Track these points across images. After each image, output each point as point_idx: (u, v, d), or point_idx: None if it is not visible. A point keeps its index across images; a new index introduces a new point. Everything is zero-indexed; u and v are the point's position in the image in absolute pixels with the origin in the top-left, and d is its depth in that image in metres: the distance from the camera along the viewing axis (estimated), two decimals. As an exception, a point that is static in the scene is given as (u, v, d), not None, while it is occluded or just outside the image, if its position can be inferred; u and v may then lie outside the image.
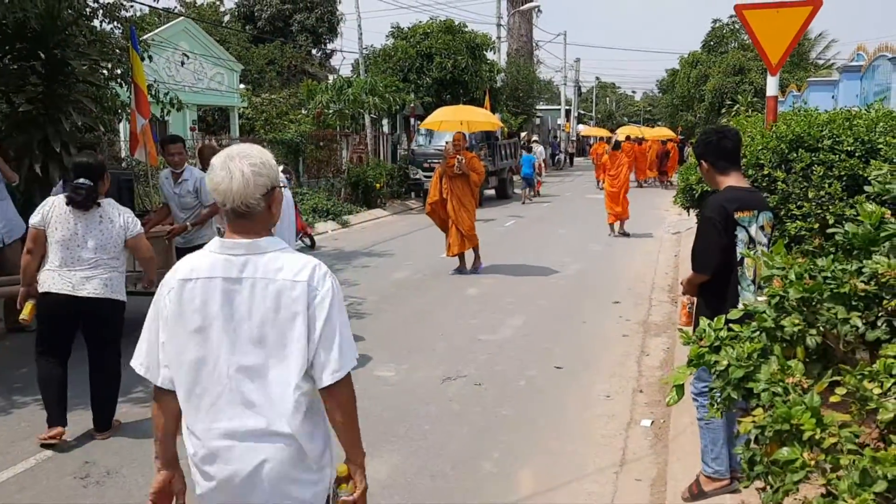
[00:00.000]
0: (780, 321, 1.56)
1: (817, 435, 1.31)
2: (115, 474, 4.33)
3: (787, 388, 1.42)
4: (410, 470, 4.40)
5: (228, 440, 2.08)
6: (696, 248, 3.69)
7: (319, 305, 2.10)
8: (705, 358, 1.61)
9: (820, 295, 1.55)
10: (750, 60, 30.05)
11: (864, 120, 4.93)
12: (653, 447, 4.76)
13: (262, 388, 2.09)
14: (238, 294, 2.09)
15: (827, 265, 1.61)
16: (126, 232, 4.81)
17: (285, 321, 2.08)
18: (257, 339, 2.08)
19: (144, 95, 8.66)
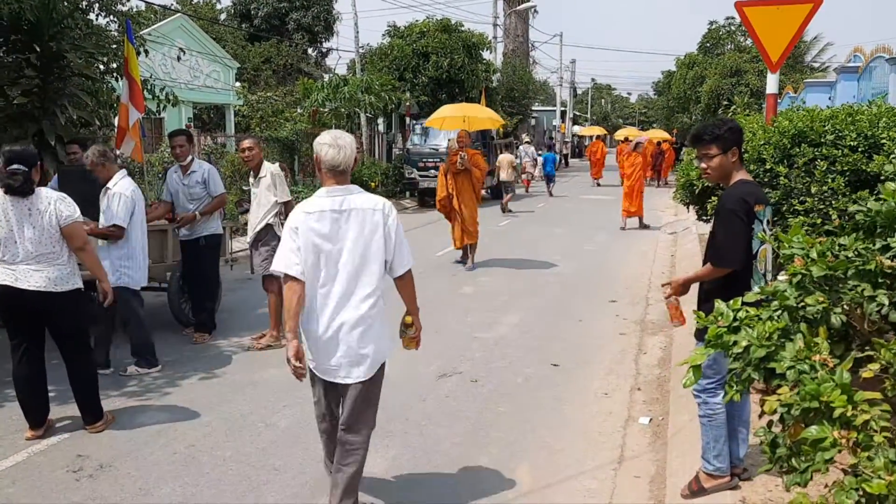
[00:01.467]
0: (802, 300, 1.51)
1: (848, 412, 1.27)
2: (107, 468, 4.27)
3: (814, 366, 1.38)
4: (407, 465, 4.36)
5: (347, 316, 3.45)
6: (721, 242, 3.57)
7: (391, 225, 3.50)
8: (724, 339, 1.56)
9: (844, 273, 1.50)
10: (746, 62, 30.07)
11: (866, 115, 4.91)
12: (651, 444, 4.72)
13: (360, 277, 3.46)
14: (341, 219, 3.42)
15: (850, 243, 1.57)
16: (59, 219, 4.56)
17: (370, 234, 3.46)
18: (359, 249, 3.43)
19: (139, 89, 8.58)
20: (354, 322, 3.45)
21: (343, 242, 3.42)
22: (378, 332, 3.56)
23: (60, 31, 8.27)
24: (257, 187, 6.81)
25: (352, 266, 3.43)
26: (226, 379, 5.88)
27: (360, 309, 3.47)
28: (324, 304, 3.44)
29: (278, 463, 4.35)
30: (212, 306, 7.12)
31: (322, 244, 3.39)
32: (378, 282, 3.51)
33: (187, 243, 6.95)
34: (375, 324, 3.53)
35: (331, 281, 3.44)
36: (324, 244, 3.39)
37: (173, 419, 5.01)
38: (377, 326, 3.55)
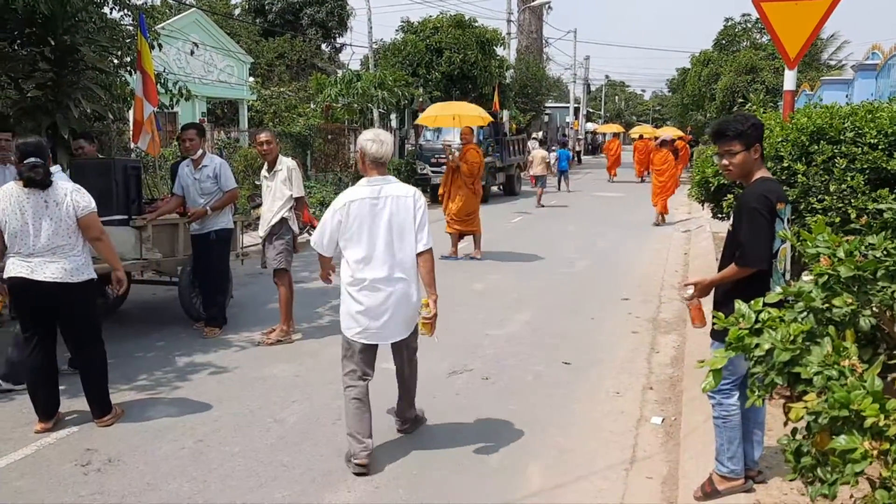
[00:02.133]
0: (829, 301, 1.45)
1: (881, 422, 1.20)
2: (116, 462, 4.26)
3: (842, 372, 1.32)
4: (415, 464, 4.32)
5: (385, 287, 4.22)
6: (746, 242, 3.46)
7: (419, 209, 4.27)
8: (745, 341, 1.50)
9: (873, 273, 1.44)
10: (762, 60, 29.80)
11: (887, 112, 4.81)
12: (664, 445, 4.66)
13: (399, 256, 4.23)
14: (378, 204, 4.19)
15: (879, 243, 1.50)
16: (76, 210, 4.59)
17: (404, 216, 4.22)
18: (393, 230, 4.21)
19: (153, 83, 8.58)
20: (397, 291, 4.23)
21: (380, 224, 4.19)
22: (412, 299, 4.31)
23: (74, 25, 8.27)
24: (272, 180, 6.78)
25: (388, 243, 4.21)
26: (235, 374, 5.86)
27: (400, 279, 4.24)
28: (369, 276, 4.20)
29: (286, 459, 4.32)
30: (222, 301, 7.11)
31: (364, 225, 4.18)
32: (412, 255, 4.26)
33: (198, 238, 6.94)
34: (408, 293, 4.28)
35: (372, 255, 4.20)
36: (364, 225, 4.19)
37: (182, 413, 5.00)
38: (410, 295, 4.30)
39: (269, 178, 6.80)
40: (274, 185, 6.75)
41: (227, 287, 7.39)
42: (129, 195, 7.01)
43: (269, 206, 6.77)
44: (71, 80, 8.36)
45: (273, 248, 6.75)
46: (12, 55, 8.10)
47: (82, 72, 8.57)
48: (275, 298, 8.45)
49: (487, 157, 20.69)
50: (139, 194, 7.23)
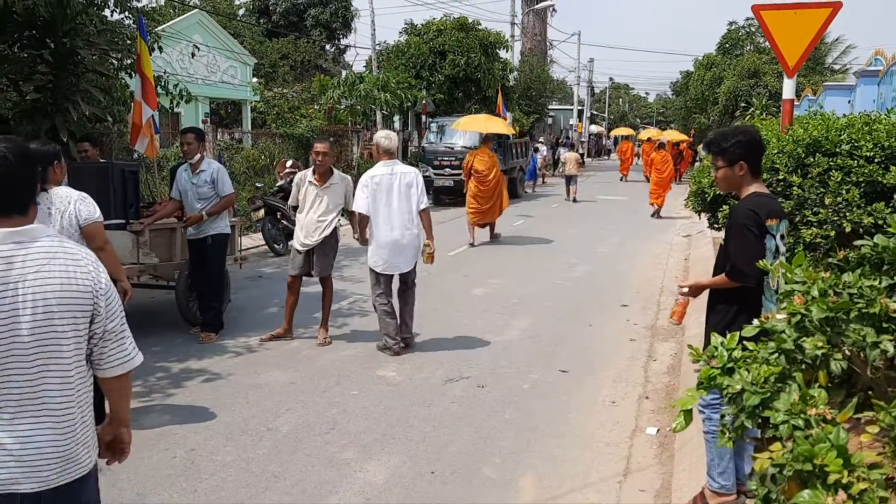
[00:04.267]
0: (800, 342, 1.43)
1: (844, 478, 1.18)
2: (105, 471, 4.14)
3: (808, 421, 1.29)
4: (409, 473, 4.31)
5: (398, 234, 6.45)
6: (735, 258, 3.47)
7: (418, 182, 6.54)
8: (717, 380, 1.48)
9: (846, 314, 1.42)
10: (765, 64, 29.76)
11: (884, 125, 4.78)
12: (658, 456, 4.64)
13: (407, 214, 6.48)
14: (393, 179, 6.46)
15: (853, 280, 1.48)
16: (79, 219, 4.47)
17: (409, 187, 6.47)
18: (402, 195, 6.46)
19: (152, 86, 8.58)
20: (406, 237, 6.52)
21: (393, 192, 6.46)
22: (417, 243, 6.64)
23: (74, 28, 8.28)
24: (323, 190, 6.80)
25: (399, 204, 6.48)
26: (230, 381, 5.85)
27: (408, 229, 6.54)
28: (388, 228, 6.46)
29: (278, 469, 4.31)
30: (218, 306, 7.10)
31: (383, 193, 6.44)
32: (416, 214, 6.57)
33: (195, 242, 6.94)
34: (415, 239, 6.59)
35: (390, 213, 6.45)
36: (383, 193, 6.44)
37: (174, 422, 4.99)
38: (416, 240, 6.61)
39: (318, 187, 6.82)
40: (327, 196, 6.80)
41: (224, 292, 7.39)
42: (127, 199, 7.00)
43: (319, 215, 6.80)
44: (70, 82, 8.36)
45: (325, 257, 6.90)
46: (12, 58, 8.10)
47: (82, 74, 8.57)
48: (273, 302, 8.49)
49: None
50: (137, 198, 7.22)
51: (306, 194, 6.86)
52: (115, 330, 2.30)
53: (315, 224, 6.80)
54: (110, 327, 2.28)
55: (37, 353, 2.10)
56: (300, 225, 6.90)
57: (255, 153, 16.97)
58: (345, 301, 8.63)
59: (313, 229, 6.80)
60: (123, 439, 2.60)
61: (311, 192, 6.84)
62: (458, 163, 20.18)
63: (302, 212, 6.88)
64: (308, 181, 6.86)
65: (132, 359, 2.40)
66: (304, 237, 6.84)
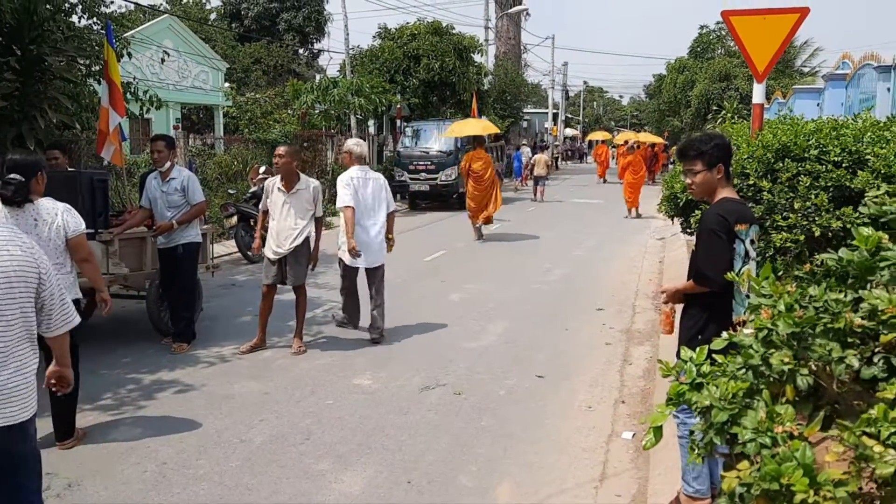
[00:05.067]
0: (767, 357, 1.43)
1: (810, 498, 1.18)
2: (76, 486, 4.17)
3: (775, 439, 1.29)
4: (385, 483, 4.27)
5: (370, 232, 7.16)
6: (704, 263, 3.50)
7: (386, 186, 7.38)
8: (686, 396, 1.48)
9: (812, 329, 1.42)
10: (736, 67, 30.15)
11: (851, 129, 4.84)
12: (634, 461, 4.65)
13: (378, 215, 7.20)
14: (368, 182, 7.17)
15: (819, 294, 1.48)
16: (66, 231, 4.46)
17: (380, 190, 7.24)
18: (375, 198, 7.17)
19: (120, 93, 8.45)
20: (378, 235, 7.22)
21: (368, 194, 7.12)
22: (382, 240, 7.32)
23: (41, 34, 8.14)
24: (290, 197, 6.76)
25: (373, 205, 7.17)
26: (202, 392, 5.77)
27: (378, 228, 7.22)
28: (361, 226, 7.02)
29: (252, 482, 4.25)
30: (190, 316, 7.00)
31: (360, 193, 7.05)
32: (385, 216, 7.29)
33: (165, 251, 6.84)
34: (381, 236, 7.25)
35: (364, 212, 7.07)
36: (360, 193, 7.04)
37: (146, 435, 4.90)
38: (382, 237, 7.28)
39: (285, 194, 6.78)
40: (294, 202, 6.76)
41: (196, 301, 7.29)
42: (96, 208, 6.88)
43: (290, 222, 6.74)
44: (37, 89, 8.23)
45: (298, 266, 6.85)
46: (-24, 65, 7.95)
47: (49, 81, 8.43)
48: (246, 311, 8.41)
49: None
50: (106, 207, 7.10)
51: (275, 201, 6.83)
52: (55, 298, 3.02)
53: (287, 232, 6.75)
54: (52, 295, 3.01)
55: None
56: (271, 233, 6.85)
57: (228, 159, 16.82)
58: (319, 309, 8.56)
59: (284, 237, 6.75)
60: (67, 376, 3.40)
61: (278, 199, 6.80)
62: (433, 167, 20.21)
63: (273, 217, 6.85)
64: (276, 188, 6.83)
65: (73, 320, 3.18)
66: (276, 245, 6.79)
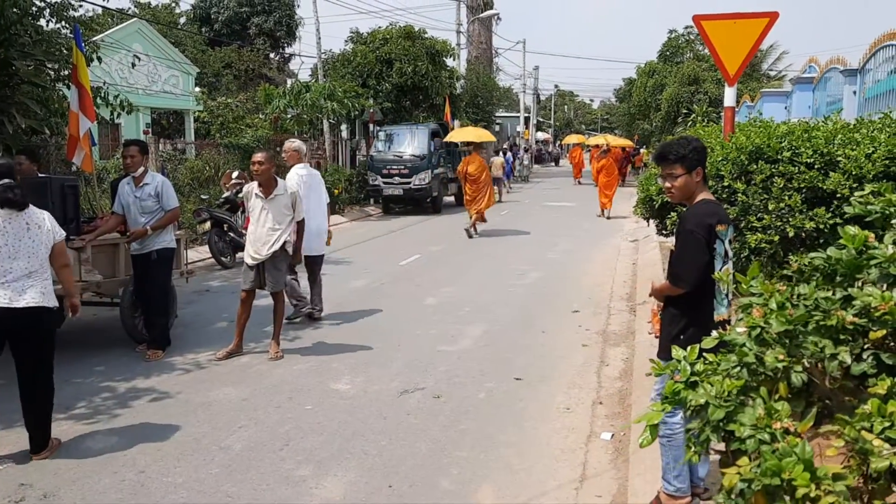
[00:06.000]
0: (761, 355, 1.45)
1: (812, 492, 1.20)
2: (52, 497, 4.09)
3: (774, 435, 1.32)
4: (366, 488, 4.25)
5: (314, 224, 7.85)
6: (677, 263, 3.58)
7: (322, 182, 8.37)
8: (681, 395, 1.50)
9: (804, 326, 1.45)
10: (705, 71, 30.56)
11: (822, 132, 4.94)
12: (613, 461, 4.68)
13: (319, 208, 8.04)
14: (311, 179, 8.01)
15: (809, 293, 1.51)
16: (54, 236, 4.60)
17: (319, 185, 8.20)
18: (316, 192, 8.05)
19: (89, 97, 8.33)
20: (319, 227, 8.02)
21: (311, 189, 7.89)
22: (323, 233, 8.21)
23: (8, 38, 8.03)
24: (268, 202, 6.70)
25: (315, 199, 7.92)
26: (179, 399, 5.70)
27: (320, 221, 8.06)
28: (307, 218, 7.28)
29: (232, 489, 4.21)
30: (165, 322, 6.92)
31: (305, 189, 7.56)
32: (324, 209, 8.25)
33: (139, 257, 6.76)
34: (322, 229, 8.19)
35: (308, 206, 7.46)
36: (305, 189, 7.57)
37: (122, 444, 4.83)
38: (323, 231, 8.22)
39: (263, 199, 6.71)
40: (272, 208, 6.70)
41: (170, 308, 7.21)
42: (67, 215, 6.77)
43: (268, 228, 6.69)
44: (4, 94, 8.10)
45: (277, 271, 6.81)
46: (-58, 70, 7.81)
47: (17, 86, 8.31)
48: (222, 317, 8.33)
49: (439, 169, 20.81)
50: (77, 214, 7.00)
51: (253, 206, 6.79)
52: None
53: (265, 238, 6.71)
54: None
55: None
56: (250, 238, 6.81)
57: (200, 164, 16.65)
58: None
59: (262, 243, 6.71)
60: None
61: (257, 205, 6.76)
62: (407, 171, 20.19)
63: (251, 223, 6.80)
64: (254, 193, 6.78)
65: None
66: (254, 251, 6.74)
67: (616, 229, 16.87)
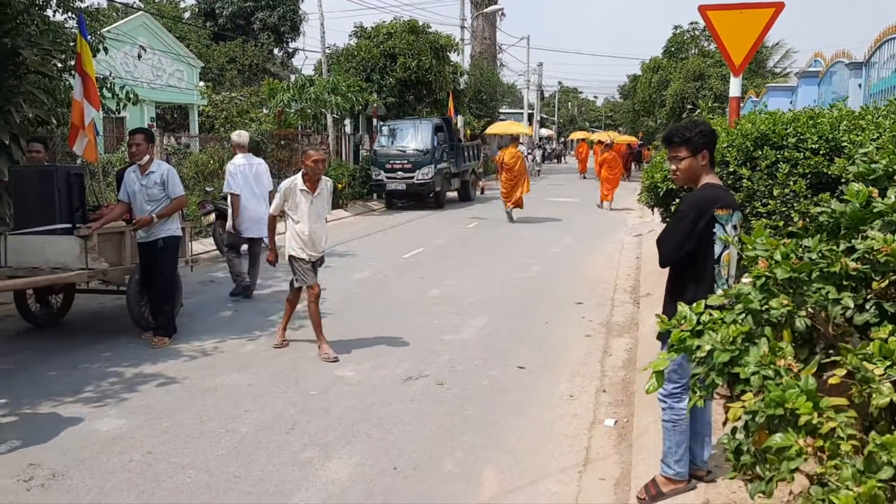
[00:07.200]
0: (766, 303, 1.48)
1: (814, 420, 1.23)
2: (61, 477, 4.13)
3: (778, 371, 1.35)
4: (371, 470, 4.29)
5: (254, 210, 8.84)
6: (660, 238, 3.66)
7: (266, 170, 9.16)
8: (687, 343, 1.53)
9: (808, 275, 1.48)
10: (710, 67, 30.54)
11: (827, 118, 4.95)
12: (616, 447, 4.71)
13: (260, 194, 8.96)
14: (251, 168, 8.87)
15: (814, 245, 1.54)
16: None
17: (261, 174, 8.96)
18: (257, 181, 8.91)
19: (94, 86, 8.32)
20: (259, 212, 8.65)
21: (250, 178, 8.69)
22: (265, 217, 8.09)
23: (15, 28, 8.05)
24: (315, 198, 6.51)
25: (256, 187, 8.72)
26: (185, 384, 5.74)
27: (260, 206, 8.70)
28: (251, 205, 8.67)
29: (239, 470, 4.24)
30: (170, 310, 6.95)
31: (245, 178, 8.64)
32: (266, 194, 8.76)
33: (145, 246, 6.79)
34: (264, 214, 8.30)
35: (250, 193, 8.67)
36: (245, 178, 8.64)
37: (130, 426, 4.87)
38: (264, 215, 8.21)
39: (311, 195, 6.48)
40: (318, 203, 6.54)
41: (176, 296, 7.24)
42: (73, 203, 6.83)
43: (320, 224, 6.58)
44: (12, 84, 8.13)
45: (321, 265, 6.82)
46: (-51, 58, 7.84)
47: (24, 76, 8.33)
48: (227, 306, 8.38)
49: (442, 164, 20.81)
50: (83, 202, 7.05)
51: (299, 203, 6.48)
52: None
53: (319, 234, 6.57)
54: None
55: None
56: (300, 236, 6.50)
57: (204, 158, 16.69)
58: (299, 304, 8.52)
59: (318, 239, 6.57)
60: None
61: (304, 200, 6.47)
62: (410, 166, 20.19)
63: (298, 222, 6.49)
64: (299, 189, 6.47)
65: None
66: (310, 249, 6.53)
67: (619, 224, 16.89)
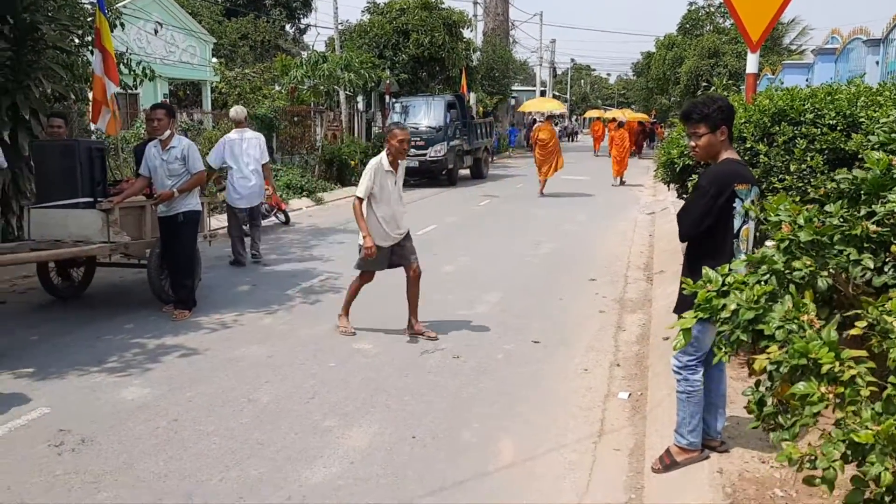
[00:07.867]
0: (790, 264, 1.54)
1: (836, 368, 1.30)
2: (90, 442, 4.26)
3: (802, 325, 1.41)
4: (390, 439, 4.39)
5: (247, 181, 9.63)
6: (680, 212, 3.72)
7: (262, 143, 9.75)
8: (713, 302, 1.60)
9: (830, 238, 1.54)
10: (725, 44, 30.27)
11: (845, 94, 4.96)
12: (630, 419, 4.79)
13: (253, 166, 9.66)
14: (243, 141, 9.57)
15: (836, 210, 1.60)
16: None
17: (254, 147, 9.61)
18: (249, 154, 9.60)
19: (113, 61, 8.39)
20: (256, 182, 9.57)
21: (242, 150, 9.44)
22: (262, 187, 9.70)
23: (34, 3, 8.11)
24: (398, 178, 6.26)
25: (247, 160, 9.42)
26: (206, 356, 5.86)
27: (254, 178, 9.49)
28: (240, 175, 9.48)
29: (262, 437, 4.36)
30: (191, 283, 7.06)
31: (236, 150, 9.45)
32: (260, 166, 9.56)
33: (165, 220, 6.89)
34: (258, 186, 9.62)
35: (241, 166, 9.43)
36: (236, 150, 9.45)
37: (155, 394, 4.99)
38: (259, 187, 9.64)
39: (395, 175, 6.20)
40: (400, 181, 6.28)
41: (196, 269, 7.35)
42: (94, 177, 6.93)
43: (401, 203, 6.30)
44: (31, 59, 8.20)
45: (410, 241, 6.50)
46: (-31, 34, 7.91)
47: (42, 51, 8.40)
48: (244, 280, 8.48)
49: (455, 141, 20.80)
50: (104, 176, 7.14)
51: (385, 183, 6.15)
52: None
53: (400, 213, 6.32)
54: None
55: None
56: (383, 219, 6.19)
57: (218, 134, 16.75)
58: (316, 279, 8.64)
59: (401, 217, 6.32)
60: None
61: (389, 181, 6.17)
62: (422, 143, 20.19)
63: (382, 202, 6.15)
64: (385, 170, 6.14)
65: None
66: (392, 230, 6.27)
67: (632, 202, 16.88)
